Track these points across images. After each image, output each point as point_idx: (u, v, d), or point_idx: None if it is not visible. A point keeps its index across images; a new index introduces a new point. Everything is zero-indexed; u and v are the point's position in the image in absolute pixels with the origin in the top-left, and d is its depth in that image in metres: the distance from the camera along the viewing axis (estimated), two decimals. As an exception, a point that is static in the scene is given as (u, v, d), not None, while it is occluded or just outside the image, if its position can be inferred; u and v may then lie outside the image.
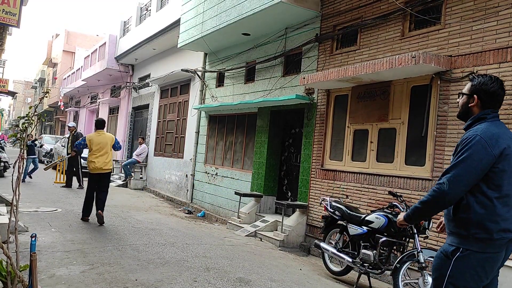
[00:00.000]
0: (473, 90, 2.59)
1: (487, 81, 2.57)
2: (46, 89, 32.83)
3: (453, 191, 2.40)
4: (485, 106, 2.57)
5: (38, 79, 49.08)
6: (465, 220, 2.44)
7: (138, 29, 17.15)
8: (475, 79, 2.62)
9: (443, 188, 2.43)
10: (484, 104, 2.57)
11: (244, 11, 8.95)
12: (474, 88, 2.60)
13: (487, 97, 2.56)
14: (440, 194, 2.44)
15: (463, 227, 2.45)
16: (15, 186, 3.32)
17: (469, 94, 2.61)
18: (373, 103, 7.11)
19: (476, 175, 2.40)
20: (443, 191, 2.42)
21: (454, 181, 2.40)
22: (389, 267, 5.29)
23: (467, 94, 2.62)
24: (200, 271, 5.15)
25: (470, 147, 2.42)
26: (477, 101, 2.57)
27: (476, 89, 2.58)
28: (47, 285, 4.12)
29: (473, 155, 2.40)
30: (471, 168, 2.39)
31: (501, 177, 2.43)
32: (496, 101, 2.58)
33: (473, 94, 2.59)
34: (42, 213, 8.15)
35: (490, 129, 2.46)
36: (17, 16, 8.03)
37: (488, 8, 5.54)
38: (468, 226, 2.43)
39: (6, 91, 21.00)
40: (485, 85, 2.56)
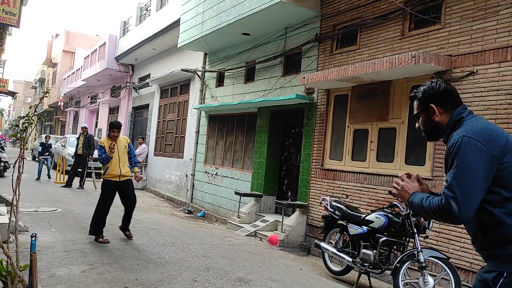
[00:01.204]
0: (423, 101, 2.23)
1: (431, 85, 2.23)
2: (46, 89, 32.83)
3: (465, 212, 1.93)
4: (449, 109, 2.18)
5: (38, 79, 49.06)
6: (500, 238, 1.97)
7: (138, 29, 17.15)
8: (418, 91, 2.27)
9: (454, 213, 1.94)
10: (446, 108, 2.18)
11: (244, 11, 8.94)
12: (423, 99, 2.23)
13: (444, 99, 2.19)
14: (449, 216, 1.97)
15: (500, 247, 1.98)
16: (15, 186, 3.32)
17: (423, 108, 2.24)
18: (373, 103, 7.11)
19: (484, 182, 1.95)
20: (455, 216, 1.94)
21: (464, 200, 1.93)
22: (389, 267, 5.29)
23: (422, 110, 2.24)
24: (200, 270, 5.15)
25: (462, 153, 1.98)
26: (437, 109, 2.19)
27: (426, 99, 2.22)
28: (47, 285, 4.11)
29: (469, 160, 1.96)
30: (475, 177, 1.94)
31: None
32: (454, 97, 2.21)
33: (427, 105, 2.21)
34: (42, 213, 8.15)
35: (475, 125, 2.05)
36: (17, 16, 8.03)
37: (488, 8, 5.54)
38: (506, 243, 1.96)
39: (6, 91, 20.99)
40: (431, 89, 2.22)
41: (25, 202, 8.77)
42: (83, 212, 8.65)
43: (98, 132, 23.93)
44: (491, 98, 5.39)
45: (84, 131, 13.36)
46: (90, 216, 8.28)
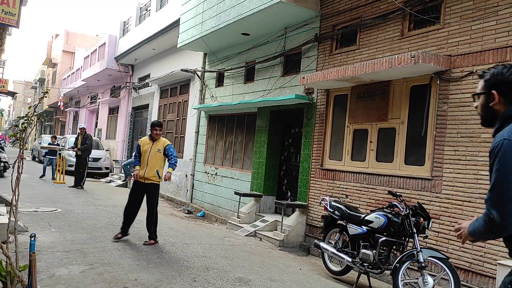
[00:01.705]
0: (489, 85, 2.10)
1: (502, 70, 2.07)
2: (46, 89, 32.82)
3: (507, 220, 1.86)
4: (511, 100, 2.05)
5: (38, 79, 49.04)
6: None
7: (138, 29, 17.15)
8: (487, 73, 2.14)
9: (496, 222, 1.87)
10: (509, 98, 2.05)
11: (244, 11, 8.95)
12: (489, 83, 2.10)
13: (509, 89, 2.05)
14: (494, 227, 1.90)
15: None
16: (14, 186, 3.32)
17: (485, 91, 2.12)
18: (373, 103, 7.12)
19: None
20: (497, 225, 1.88)
21: (505, 209, 1.85)
22: (388, 267, 5.29)
23: (484, 93, 2.13)
24: (200, 270, 5.15)
25: (501, 158, 1.89)
26: (498, 98, 2.06)
27: (492, 83, 2.09)
28: (46, 285, 4.12)
29: (508, 166, 1.87)
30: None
31: None
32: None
33: (490, 90, 2.09)
34: (41, 213, 8.15)
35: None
36: (16, 16, 8.02)
37: (488, 8, 5.54)
38: None
39: (6, 91, 20.98)
40: (501, 75, 2.07)
41: (24, 202, 8.77)
42: (83, 212, 8.65)
43: (98, 132, 23.93)
44: (491, 98, 5.38)
45: (82, 132, 13.40)
46: (90, 216, 8.32)
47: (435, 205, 5.84)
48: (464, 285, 5.30)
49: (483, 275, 5.22)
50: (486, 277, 5.19)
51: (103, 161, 18.88)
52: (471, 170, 5.48)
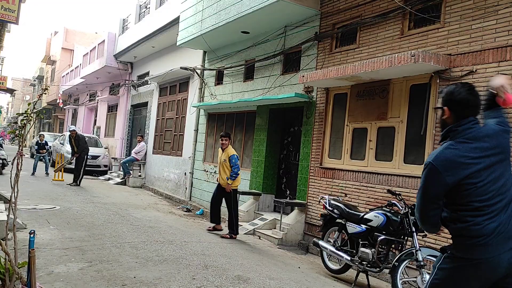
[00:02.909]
0: (443, 102, 2.51)
1: (453, 90, 2.48)
2: (45, 86, 32.78)
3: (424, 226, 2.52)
4: (459, 116, 2.43)
5: (36, 76, 48.95)
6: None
7: (137, 27, 17.12)
8: (443, 91, 2.55)
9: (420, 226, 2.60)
10: (457, 114, 2.43)
11: (244, 9, 8.93)
12: (443, 100, 2.52)
13: (456, 106, 2.44)
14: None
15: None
16: (13, 183, 3.31)
17: (440, 107, 2.52)
18: (372, 102, 7.11)
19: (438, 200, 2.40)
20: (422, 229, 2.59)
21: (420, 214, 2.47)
22: (387, 266, 5.30)
23: (439, 108, 2.54)
24: (199, 268, 5.15)
25: (424, 177, 2.41)
26: (448, 113, 2.46)
27: (445, 101, 2.50)
28: (45, 282, 4.11)
29: (426, 185, 2.40)
30: (428, 198, 2.41)
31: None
32: (467, 107, 2.43)
33: (443, 106, 2.50)
34: (40, 211, 8.14)
35: (445, 153, 2.37)
36: (16, 13, 8.01)
37: (488, 7, 5.54)
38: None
39: (5, 88, 20.96)
40: (451, 94, 2.47)
41: (23, 200, 8.75)
42: (82, 210, 8.65)
43: (96, 130, 23.90)
44: (490, 98, 5.38)
45: (73, 134, 13.49)
46: (88, 214, 8.32)
47: (434, 204, 5.84)
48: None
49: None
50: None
51: (101, 158, 18.86)
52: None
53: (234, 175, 7.44)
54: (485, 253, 2.31)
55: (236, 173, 7.47)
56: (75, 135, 13.56)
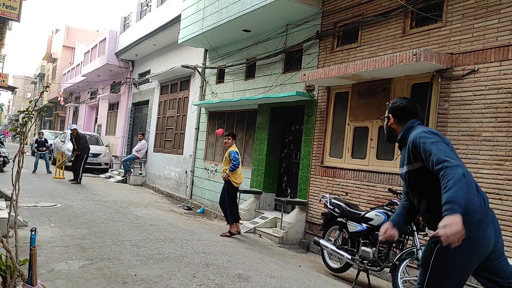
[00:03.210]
0: (388, 111, 2.99)
1: (396, 100, 2.98)
2: (46, 83, 32.76)
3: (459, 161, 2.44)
4: (403, 121, 2.89)
5: (37, 74, 48.97)
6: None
7: (139, 24, 17.10)
8: (389, 103, 3.03)
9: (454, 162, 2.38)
10: (399, 120, 2.91)
11: (245, 8, 8.92)
12: (388, 109, 2.99)
13: (400, 113, 2.91)
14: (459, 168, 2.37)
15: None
16: (15, 181, 3.31)
17: (386, 116, 2.99)
18: (374, 101, 7.11)
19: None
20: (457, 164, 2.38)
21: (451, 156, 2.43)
22: (388, 264, 5.29)
23: (386, 116, 3.00)
24: (199, 267, 5.15)
25: (425, 139, 2.57)
26: (393, 119, 2.94)
27: (390, 110, 2.97)
28: (46, 280, 4.11)
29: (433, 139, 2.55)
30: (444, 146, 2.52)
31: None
32: (409, 113, 2.89)
33: (388, 114, 2.97)
34: (41, 208, 8.15)
35: (424, 128, 2.71)
36: (17, 10, 8.01)
37: (490, 6, 5.52)
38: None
39: (6, 86, 20.94)
40: (395, 103, 2.96)
41: (24, 197, 8.77)
42: (83, 208, 8.66)
43: (97, 127, 23.91)
44: (492, 97, 5.38)
45: (74, 133, 13.60)
46: (89, 211, 8.33)
47: (435, 203, 5.83)
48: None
49: (483, 274, 5.22)
50: (485, 276, 5.19)
51: (102, 156, 18.87)
52: (471, 169, 5.47)
53: (233, 166, 7.78)
54: (481, 229, 2.47)
55: (235, 165, 7.77)
56: (76, 133, 13.69)
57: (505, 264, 2.64)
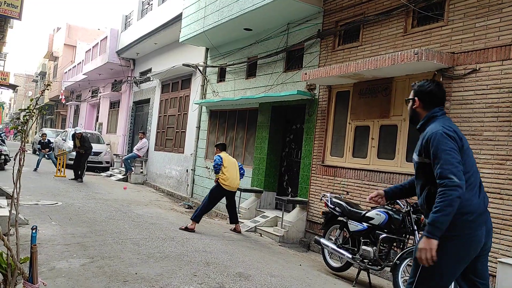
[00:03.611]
0: (414, 93, 2.92)
1: (424, 83, 2.90)
2: (47, 82, 32.74)
3: (462, 180, 2.50)
4: (427, 106, 2.85)
5: (39, 72, 49.00)
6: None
7: (140, 23, 17.11)
8: (415, 84, 2.96)
9: (456, 182, 2.48)
10: (425, 104, 2.85)
11: (246, 6, 8.92)
12: (414, 92, 2.92)
13: (425, 97, 2.86)
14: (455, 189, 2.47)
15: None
16: (16, 179, 3.31)
17: (412, 98, 2.93)
18: (375, 100, 7.10)
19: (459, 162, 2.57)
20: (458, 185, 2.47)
21: (457, 171, 2.50)
22: (389, 264, 5.29)
23: (411, 99, 2.94)
24: (200, 265, 5.16)
25: (440, 142, 2.59)
26: (418, 103, 2.88)
27: (416, 92, 2.91)
28: (47, 278, 4.12)
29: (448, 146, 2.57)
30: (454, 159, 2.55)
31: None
32: (435, 98, 2.85)
33: (414, 97, 2.91)
34: (42, 206, 8.16)
35: (445, 123, 2.73)
36: (18, 9, 8.01)
37: (492, 5, 5.51)
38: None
39: (7, 84, 20.97)
40: (422, 87, 2.89)
41: (25, 195, 8.78)
42: (84, 206, 8.67)
43: (98, 126, 23.93)
44: (493, 96, 5.37)
45: (78, 136, 13.93)
46: (90, 210, 8.34)
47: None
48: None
49: (483, 273, 5.22)
50: (486, 275, 5.19)
51: (103, 155, 18.90)
52: (472, 168, 5.46)
53: (213, 167, 8.03)
54: (475, 228, 2.56)
55: (213, 166, 7.96)
56: (80, 136, 13.94)
57: (486, 265, 2.74)
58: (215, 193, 7.90)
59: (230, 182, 7.82)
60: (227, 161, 7.92)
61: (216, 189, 7.88)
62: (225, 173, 7.80)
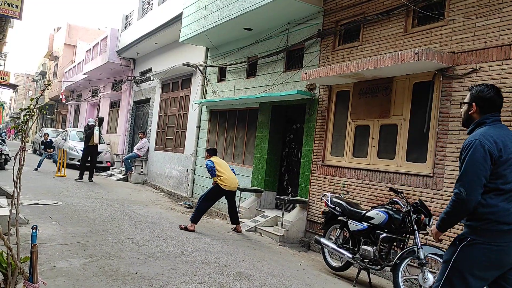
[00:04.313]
0: (472, 98, 2.87)
1: (484, 89, 2.84)
2: (48, 81, 32.76)
3: (471, 196, 2.59)
4: (484, 112, 2.82)
5: (39, 72, 49.01)
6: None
7: (140, 23, 17.11)
8: (473, 88, 2.91)
9: (462, 196, 2.61)
10: (483, 110, 2.82)
11: (247, 6, 8.92)
12: (472, 96, 2.87)
13: (484, 103, 2.81)
14: (461, 202, 2.62)
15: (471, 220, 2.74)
16: (16, 178, 3.31)
17: (469, 102, 2.89)
18: (375, 99, 7.10)
19: (485, 176, 2.60)
20: (463, 199, 2.61)
21: (469, 187, 2.59)
22: (389, 263, 5.30)
23: (467, 103, 2.90)
24: (200, 265, 5.16)
25: (473, 152, 2.62)
26: (475, 108, 2.84)
27: (474, 97, 2.86)
28: (47, 277, 4.12)
29: (477, 158, 2.60)
30: (479, 171, 2.59)
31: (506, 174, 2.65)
32: (493, 106, 2.82)
33: (472, 102, 2.86)
34: (42, 206, 8.16)
35: (488, 132, 2.69)
36: (19, 8, 8.01)
37: (492, 5, 5.51)
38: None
39: (8, 83, 20.98)
40: (481, 92, 2.83)
41: (25, 195, 8.78)
42: (84, 206, 8.67)
43: (99, 125, 23.91)
44: (494, 96, 5.36)
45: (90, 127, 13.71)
46: (90, 209, 8.34)
47: (436, 202, 5.84)
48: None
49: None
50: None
51: (104, 155, 18.90)
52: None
53: (208, 172, 8.10)
54: (508, 239, 2.59)
55: (208, 170, 8.02)
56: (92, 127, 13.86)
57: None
58: (214, 192, 7.91)
59: (229, 182, 7.85)
60: (219, 164, 7.99)
61: (216, 188, 7.89)
62: (222, 175, 7.83)
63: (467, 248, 2.64)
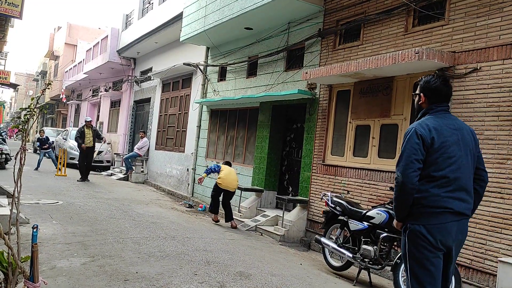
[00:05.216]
0: (420, 89, 2.99)
1: (430, 79, 2.95)
2: (48, 80, 32.72)
3: (406, 179, 2.72)
4: (432, 102, 2.92)
5: (39, 71, 49.03)
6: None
7: (141, 22, 17.10)
8: (422, 79, 3.00)
9: (399, 180, 2.76)
10: (430, 100, 2.93)
11: (247, 5, 8.91)
12: (421, 87, 2.99)
13: (431, 94, 2.92)
14: (399, 186, 2.76)
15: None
16: (16, 178, 3.31)
17: (418, 93, 3.01)
18: (376, 99, 7.09)
19: (418, 160, 2.73)
20: (401, 182, 2.75)
21: (404, 170, 2.74)
22: (389, 263, 5.30)
23: (417, 94, 3.01)
24: (201, 264, 5.16)
25: (408, 138, 2.78)
26: (424, 99, 2.95)
27: (422, 88, 2.97)
28: (48, 277, 4.13)
29: (411, 143, 2.75)
30: (413, 155, 2.73)
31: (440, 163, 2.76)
32: (439, 95, 2.91)
33: (420, 93, 2.98)
34: (43, 205, 8.17)
35: (426, 121, 2.82)
36: (19, 8, 8.01)
37: (493, 4, 5.50)
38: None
39: (8, 83, 20.96)
40: (428, 83, 2.94)
41: (26, 194, 8.78)
42: (84, 205, 8.67)
43: (99, 125, 23.93)
44: (494, 95, 5.37)
45: (88, 125, 13.56)
46: (91, 209, 8.35)
47: (437, 202, 5.83)
48: (465, 282, 5.31)
49: (484, 272, 5.22)
50: (486, 274, 5.20)
51: (104, 154, 18.90)
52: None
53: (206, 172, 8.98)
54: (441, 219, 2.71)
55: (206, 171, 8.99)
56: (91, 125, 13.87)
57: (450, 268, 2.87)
58: (214, 188, 8.87)
59: (225, 182, 8.66)
60: (225, 171, 8.79)
61: (215, 185, 8.84)
62: (221, 175, 8.69)
63: (411, 235, 2.77)
